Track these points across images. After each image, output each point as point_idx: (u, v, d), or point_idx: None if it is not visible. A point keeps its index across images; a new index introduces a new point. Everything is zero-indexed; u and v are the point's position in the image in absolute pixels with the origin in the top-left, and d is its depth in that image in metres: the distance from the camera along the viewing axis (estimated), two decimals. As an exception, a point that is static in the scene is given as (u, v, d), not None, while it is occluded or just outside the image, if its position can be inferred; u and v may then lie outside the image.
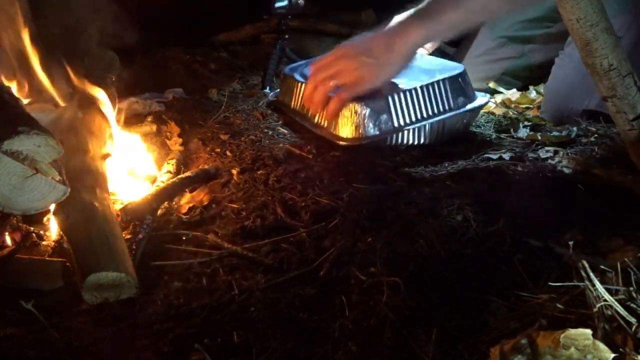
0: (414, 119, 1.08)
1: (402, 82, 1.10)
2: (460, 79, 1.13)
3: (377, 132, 1.06)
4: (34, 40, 1.07)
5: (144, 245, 0.86)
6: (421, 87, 1.09)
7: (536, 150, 1.11)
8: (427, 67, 1.17)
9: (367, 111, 1.05)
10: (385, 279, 0.72)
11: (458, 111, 1.12)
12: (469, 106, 1.13)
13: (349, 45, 1.08)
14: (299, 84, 1.20)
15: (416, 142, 1.11)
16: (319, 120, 1.13)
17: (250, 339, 0.65)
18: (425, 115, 1.09)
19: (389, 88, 1.08)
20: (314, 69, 1.10)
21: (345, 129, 1.07)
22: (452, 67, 1.17)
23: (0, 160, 0.72)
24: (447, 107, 1.11)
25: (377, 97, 1.07)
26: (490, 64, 1.56)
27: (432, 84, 1.10)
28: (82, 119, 1.07)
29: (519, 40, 1.53)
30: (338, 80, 1.05)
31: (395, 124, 1.07)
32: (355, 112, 1.05)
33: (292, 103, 1.23)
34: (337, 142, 1.08)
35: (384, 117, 1.06)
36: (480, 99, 1.16)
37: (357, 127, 1.06)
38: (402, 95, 1.07)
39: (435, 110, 1.09)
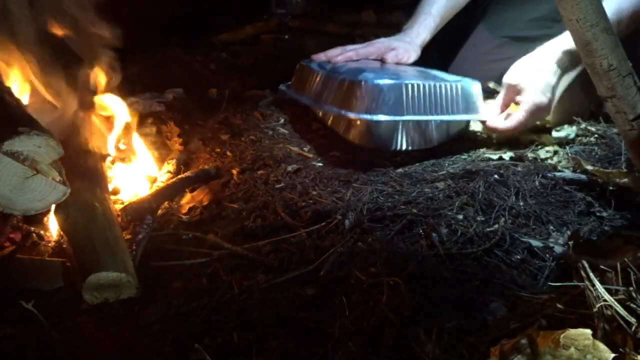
0: (422, 111, 1.09)
1: (420, 79, 1.11)
2: (474, 89, 1.14)
3: (387, 117, 1.06)
4: (34, 39, 1.07)
5: (144, 245, 0.86)
6: (434, 86, 1.09)
7: (536, 150, 1.12)
8: (447, 76, 1.19)
9: (382, 95, 1.05)
10: (385, 279, 0.72)
11: (462, 117, 1.13)
12: (471, 115, 1.15)
13: None
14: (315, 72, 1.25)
15: (413, 144, 1.11)
16: (333, 102, 1.15)
17: (250, 339, 0.65)
18: (433, 111, 1.09)
19: (407, 78, 1.10)
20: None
21: (357, 108, 1.07)
22: (469, 80, 1.18)
23: (1, 161, 0.72)
24: (454, 111, 1.11)
25: (394, 84, 1.07)
26: (490, 64, 1.55)
27: (447, 85, 1.11)
28: (82, 119, 1.07)
29: (520, 40, 1.53)
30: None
31: (405, 112, 1.07)
32: (370, 92, 1.06)
33: (307, 90, 1.26)
34: (348, 116, 1.08)
35: (396, 103, 1.06)
36: (481, 114, 1.16)
37: (368, 108, 1.06)
38: (417, 87, 1.08)
39: (444, 110, 1.10)
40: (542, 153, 1.09)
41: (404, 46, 1.33)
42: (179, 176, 1.05)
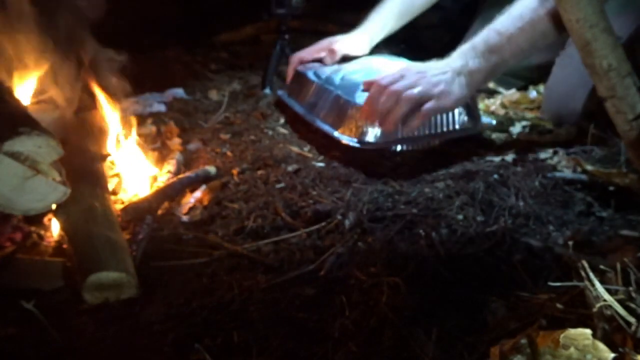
0: (418, 133, 1.07)
1: None
2: (470, 102, 1.11)
3: (380, 139, 1.05)
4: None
5: (144, 246, 0.86)
6: None
7: (536, 150, 1.12)
8: None
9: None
10: (385, 279, 0.72)
11: (458, 134, 1.11)
12: (471, 129, 1.12)
13: None
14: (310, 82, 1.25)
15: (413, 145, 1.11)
16: (325, 118, 1.15)
17: (250, 339, 0.65)
18: (429, 132, 1.08)
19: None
20: None
21: (350, 130, 1.07)
22: None
23: (1, 161, 0.72)
24: (451, 128, 1.09)
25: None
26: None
27: None
28: (82, 119, 1.08)
29: (519, 40, 1.53)
30: None
31: (399, 135, 1.05)
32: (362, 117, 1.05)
33: (300, 98, 1.26)
34: (339, 140, 1.07)
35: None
36: (484, 123, 1.15)
37: (361, 131, 1.05)
38: None
39: (440, 130, 1.08)
40: (542, 153, 1.09)
41: (349, 41, 1.36)
42: (179, 176, 1.05)
